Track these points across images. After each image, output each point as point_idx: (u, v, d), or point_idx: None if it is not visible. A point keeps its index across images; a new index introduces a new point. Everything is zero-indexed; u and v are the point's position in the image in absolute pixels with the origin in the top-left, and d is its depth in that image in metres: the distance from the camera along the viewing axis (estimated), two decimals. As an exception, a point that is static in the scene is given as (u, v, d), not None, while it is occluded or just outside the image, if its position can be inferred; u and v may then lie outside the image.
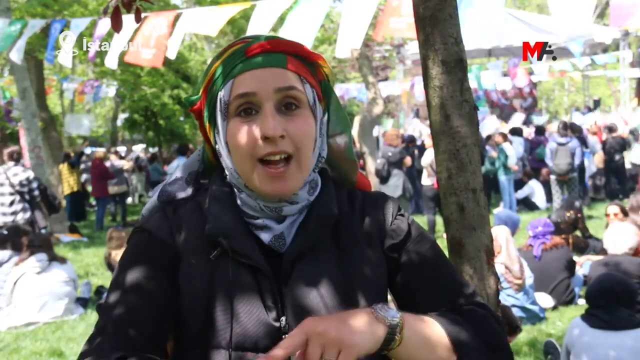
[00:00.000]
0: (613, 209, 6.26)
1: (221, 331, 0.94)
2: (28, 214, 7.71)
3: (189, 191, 1.11)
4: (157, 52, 6.97)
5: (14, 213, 7.65)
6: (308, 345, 0.82)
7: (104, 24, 7.09)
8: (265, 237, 1.00)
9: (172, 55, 7.27)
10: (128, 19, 1.62)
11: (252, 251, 0.97)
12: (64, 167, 12.59)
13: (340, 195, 1.09)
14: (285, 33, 5.85)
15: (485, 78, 14.82)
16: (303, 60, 1.02)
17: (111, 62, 7.64)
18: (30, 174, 7.86)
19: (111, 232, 6.40)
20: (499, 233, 4.87)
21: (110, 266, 6.31)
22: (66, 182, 12.52)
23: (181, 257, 1.00)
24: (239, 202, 1.03)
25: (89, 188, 13.58)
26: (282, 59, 0.99)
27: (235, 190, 1.04)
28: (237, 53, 0.99)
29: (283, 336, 0.92)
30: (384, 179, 8.57)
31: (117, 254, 6.05)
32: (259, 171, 0.97)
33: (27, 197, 7.70)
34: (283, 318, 0.94)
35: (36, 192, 7.79)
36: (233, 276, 0.95)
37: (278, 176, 0.97)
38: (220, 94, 1.00)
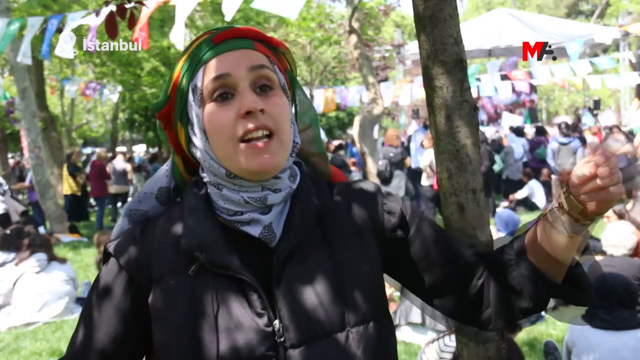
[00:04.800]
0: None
1: (210, 348, 0.91)
2: (2, 208, 7.72)
3: (160, 210, 1.08)
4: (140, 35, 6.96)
5: None
6: None
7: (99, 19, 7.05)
8: (254, 231, 0.97)
9: (180, 46, 7.25)
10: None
11: (231, 262, 0.94)
12: (65, 168, 12.59)
13: (320, 187, 1.08)
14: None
15: (485, 81, 14.73)
16: (267, 46, 1.04)
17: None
18: None
19: (98, 237, 6.36)
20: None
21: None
22: (66, 182, 12.51)
23: (153, 283, 0.97)
24: (221, 202, 0.99)
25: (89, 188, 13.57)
26: (249, 42, 1.00)
27: (215, 189, 1.00)
28: (204, 42, 1.00)
29: (278, 340, 0.92)
30: (386, 180, 8.58)
31: None
32: (242, 149, 0.95)
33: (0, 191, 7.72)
34: (276, 322, 0.93)
35: (6, 187, 7.81)
36: (215, 290, 0.93)
37: (262, 150, 0.95)
38: (192, 84, 0.99)
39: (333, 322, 0.95)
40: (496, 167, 10.76)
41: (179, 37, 7.01)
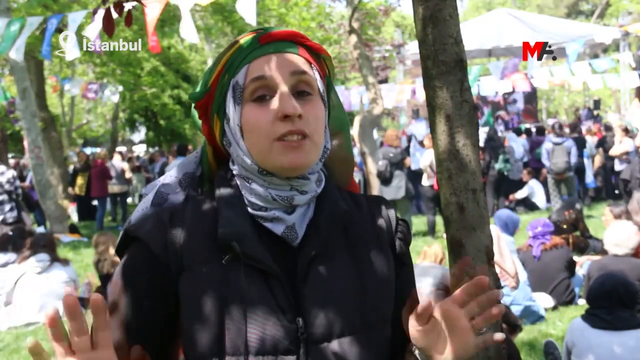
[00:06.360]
0: (606, 211, 6.33)
1: (238, 337, 0.94)
2: (15, 213, 7.69)
3: (181, 195, 1.09)
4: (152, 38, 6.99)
5: (3, 212, 7.63)
6: None
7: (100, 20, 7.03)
8: (277, 229, 1.00)
9: (194, 39, 7.23)
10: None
11: (264, 255, 0.97)
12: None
13: (343, 194, 1.10)
14: None
15: (485, 83, 14.65)
16: (310, 51, 1.06)
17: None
18: (14, 172, 7.84)
19: (97, 237, 6.32)
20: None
21: (100, 272, 6.20)
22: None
23: (183, 269, 0.98)
24: (248, 196, 1.01)
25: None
26: (294, 46, 1.03)
27: (245, 182, 1.03)
28: (251, 41, 1.02)
29: (300, 336, 0.95)
30: (386, 180, 8.57)
31: (105, 259, 5.98)
32: (276, 146, 0.98)
33: (14, 196, 7.69)
34: (299, 319, 0.95)
35: (19, 191, 7.78)
36: (246, 281, 0.95)
37: (295, 147, 0.97)
38: (234, 81, 1.01)
39: (355, 322, 0.98)
40: (496, 166, 10.76)
41: (191, 32, 6.98)
